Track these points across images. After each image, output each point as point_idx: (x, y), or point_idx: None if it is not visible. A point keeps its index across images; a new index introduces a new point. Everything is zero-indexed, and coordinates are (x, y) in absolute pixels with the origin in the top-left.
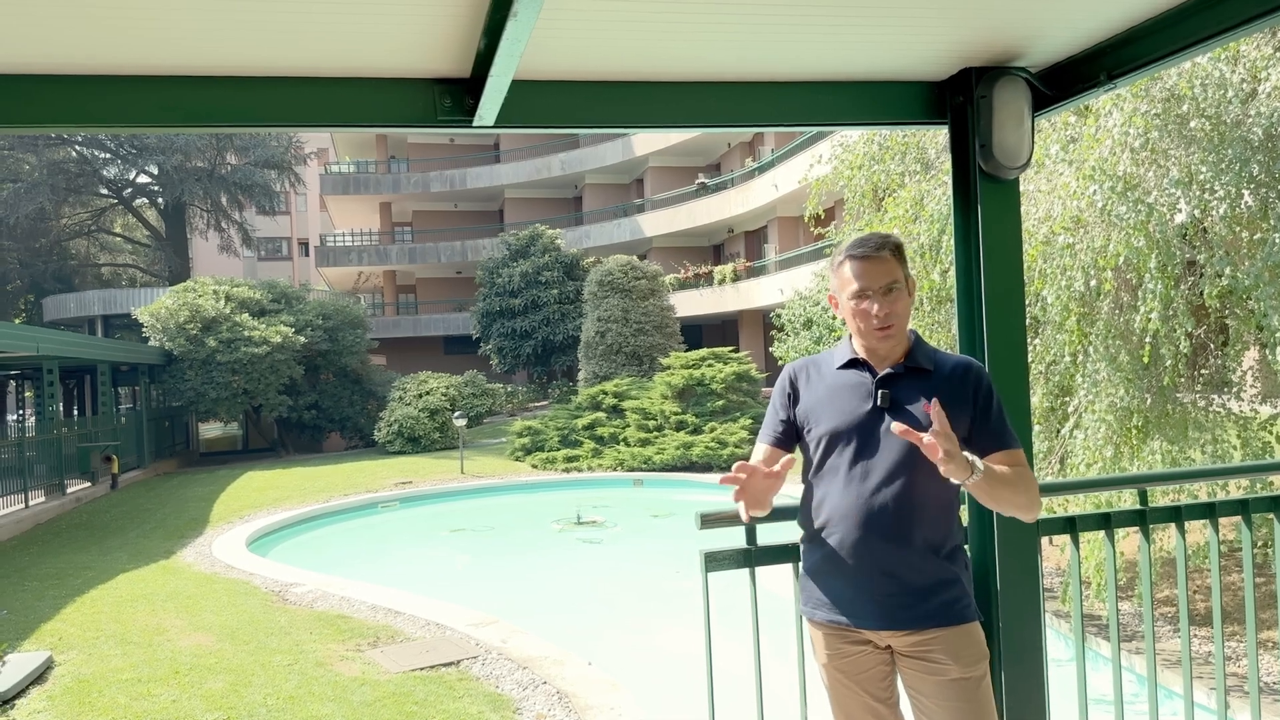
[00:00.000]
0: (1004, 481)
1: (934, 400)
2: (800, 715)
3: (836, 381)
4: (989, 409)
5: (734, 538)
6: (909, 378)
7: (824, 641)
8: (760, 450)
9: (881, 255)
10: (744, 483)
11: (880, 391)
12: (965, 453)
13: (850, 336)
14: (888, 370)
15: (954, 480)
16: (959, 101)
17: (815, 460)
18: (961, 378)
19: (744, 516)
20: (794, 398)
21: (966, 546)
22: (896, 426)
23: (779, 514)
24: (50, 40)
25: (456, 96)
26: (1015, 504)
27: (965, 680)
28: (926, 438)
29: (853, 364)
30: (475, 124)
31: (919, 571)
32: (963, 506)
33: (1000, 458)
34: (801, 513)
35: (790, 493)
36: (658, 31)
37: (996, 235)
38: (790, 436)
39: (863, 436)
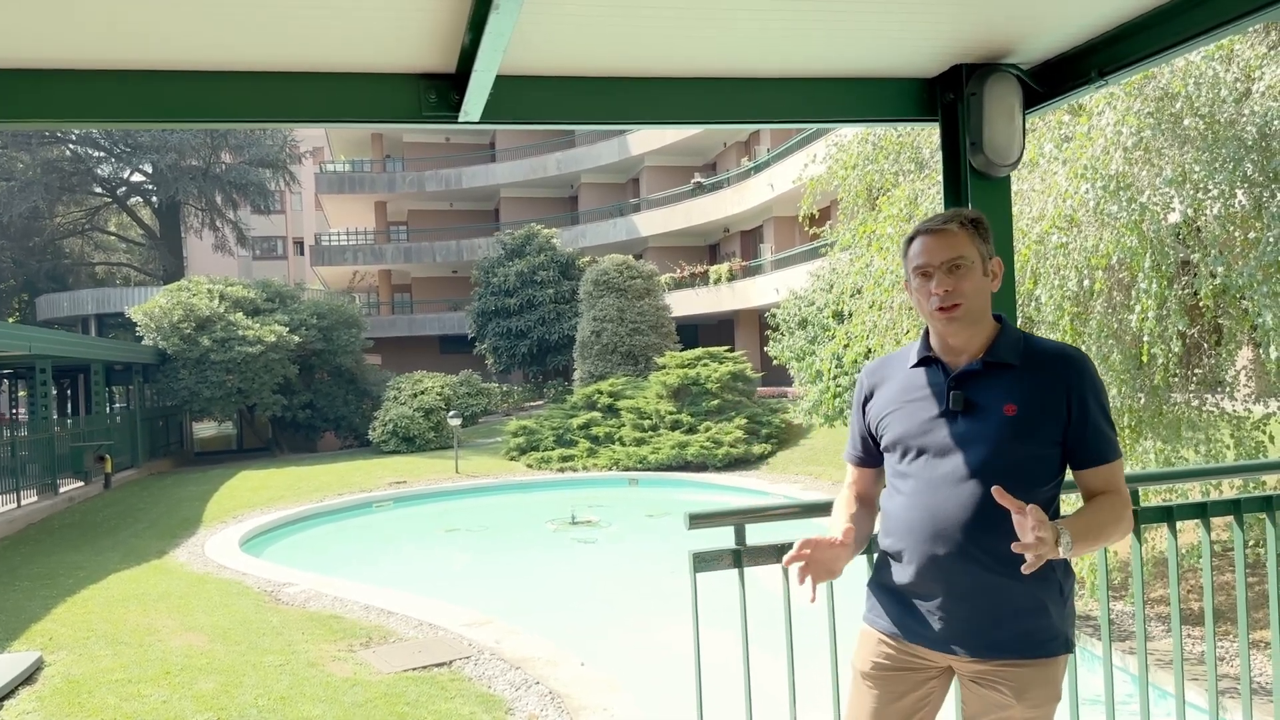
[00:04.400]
0: (1096, 537)
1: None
2: (790, 715)
3: (908, 382)
4: (1086, 414)
5: (723, 538)
6: (989, 374)
7: (875, 648)
8: (849, 473)
9: (948, 229)
10: (809, 558)
11: (952, 393)
12: (1055, 526)
13: (926, 330)
14: (964, 367)
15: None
16: (950, 99)
17: (888, 470)
18: (1053, 373)
19: (811, 596)
20: (868, 404)
21: (1065, 565)
22: (996, 491)
23: (768, 514)
24: (34, 35)
25: (442, 92)
26: (1108, 544)
27: None
28: (1029, 525)
29: (926, 361)
30: (461, 119)
31: (993, 596)
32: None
33: (1094, 476)
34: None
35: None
36: (645, 28)
37: None
38: (870, 451)
39: (933, 443)
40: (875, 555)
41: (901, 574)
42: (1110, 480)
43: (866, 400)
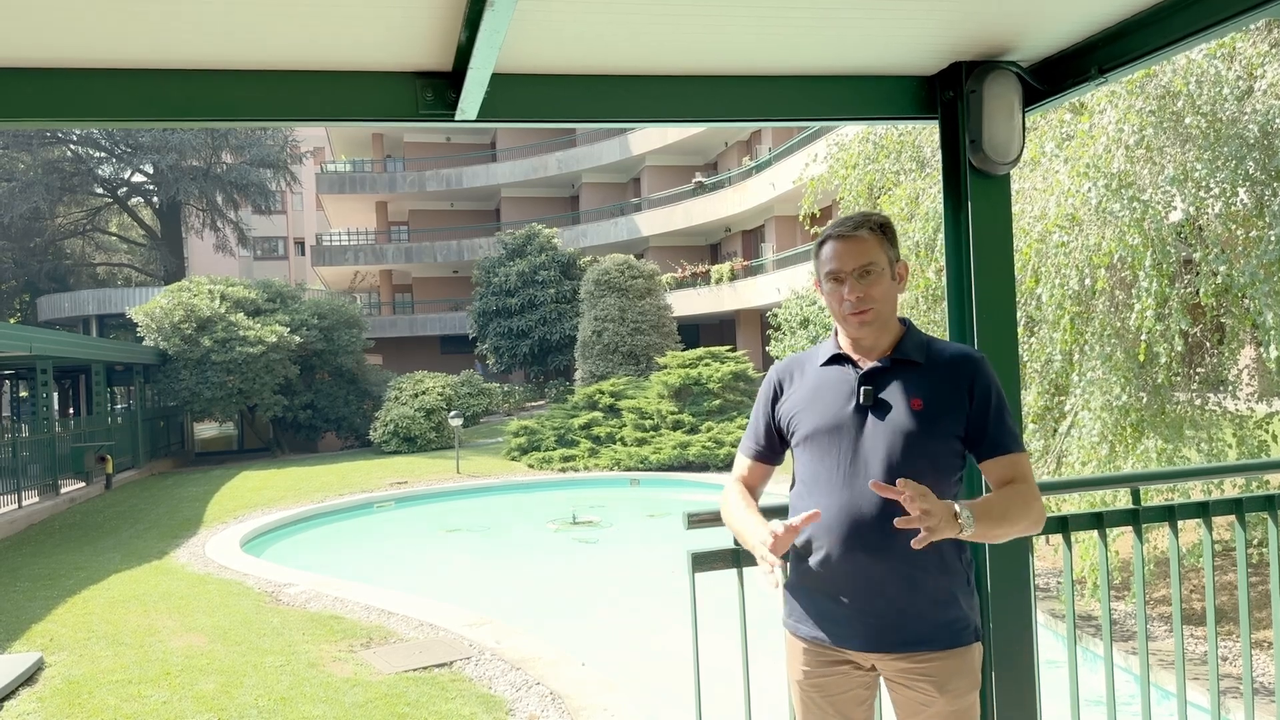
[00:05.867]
0: (1000, 518)
1: (900, 481)
2: (789, 716)
3: (819, 380)
4: (986, 407)
5: (722, 538)
6: (897, 372)
7: (802, 657)
8: (741, 464)
9: (859, 235)
10: (778, 549)
11: (863, 389)
12: (953, 503)
13: (836, 330)
14: (873, 365)
15: (943, 535)
16: (949, 96)
17: (798, 466)
18: (956, 371)
19: (779, 582)
20: (777, 401)
21: (968, 557)
22: (873, 485)
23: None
24: (29, 33)
25: (439, 90)
26: (1016, 532)
27: (950, 713)
28: (911, 508)
29: (836, 359)
30: (458, 118)
31: (909, 590)
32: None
33: (998, 466)
34: None
35: (777, 491)
36: (641, 26)
37: (987, 231)
38: (773, 447)
39: (846, 440)
40: (790, 553)
41: (819, 571)
42: (1017, 470)
43: (776, 397)
